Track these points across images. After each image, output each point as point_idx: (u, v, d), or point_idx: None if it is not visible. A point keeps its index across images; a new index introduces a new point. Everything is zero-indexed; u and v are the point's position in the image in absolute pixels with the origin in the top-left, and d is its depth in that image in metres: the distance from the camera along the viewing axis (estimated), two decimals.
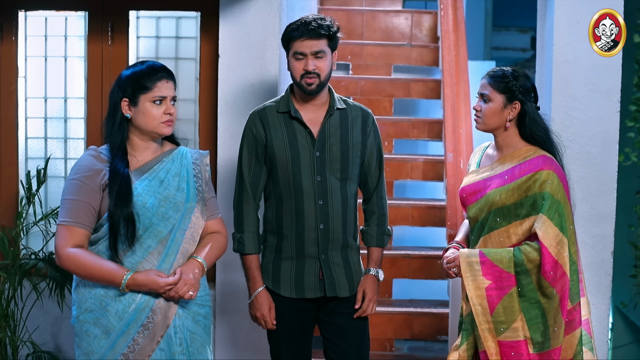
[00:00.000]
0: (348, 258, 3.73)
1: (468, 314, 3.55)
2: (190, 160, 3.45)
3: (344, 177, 3.68)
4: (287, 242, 3.67)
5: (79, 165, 3.29)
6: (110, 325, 3.23)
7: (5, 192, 4.98)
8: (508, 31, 12.85)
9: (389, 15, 7.68)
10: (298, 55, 3.59)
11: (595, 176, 4.53)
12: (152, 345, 3.25)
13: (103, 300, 3.25)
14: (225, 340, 4.78)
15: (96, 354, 3.24)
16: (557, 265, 3.39)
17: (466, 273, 3.49)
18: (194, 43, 5.03)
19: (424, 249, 6.02)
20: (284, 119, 3.68)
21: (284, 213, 3.66)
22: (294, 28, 3.59)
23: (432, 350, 5.91)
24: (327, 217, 3.65)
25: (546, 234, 3.39)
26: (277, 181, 3.67)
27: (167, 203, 3.31)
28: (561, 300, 3.43)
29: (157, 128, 3.31)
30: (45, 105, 5.08)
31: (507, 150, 3.60)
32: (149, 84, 3.28)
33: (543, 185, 3.42)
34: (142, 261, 3.26)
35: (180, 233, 3.33)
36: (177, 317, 3.31)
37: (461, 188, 3.71)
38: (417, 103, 7.73)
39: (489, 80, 3.57)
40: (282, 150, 3.63)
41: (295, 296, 3.68)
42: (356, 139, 3.72)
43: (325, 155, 3.65)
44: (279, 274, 3.69)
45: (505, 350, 3.44)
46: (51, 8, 5.04)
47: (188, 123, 5.02)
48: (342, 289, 3.70)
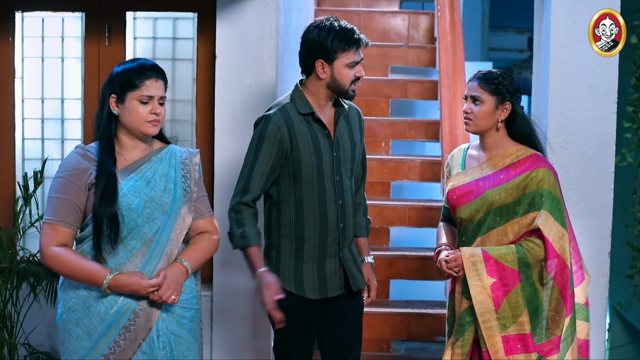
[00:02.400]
0: (352, 251, 3.81)
1: (465, 310, 3.57)
2: (179, 160, 3.41)
3: (352, 175, 3.76)
4: (309, 244, 3.66)
5: (66, 164, 3.27)
6: (92, 326, 3.22)
7: (2, 194, 4.97)
8: (505, 32, 12.87)
9: (385, 16, 7.69)
10: (352, 63, 3.60)
11: (592, 177, 4.54)
12: (134, 348, 3.23)
13: (86, 300, 3.23)
14: (222, 342, 4.77)
15: (77, 354, 3.23)
16: (560, 258, 3.47)
17: (470, 272, 3.50)
18: (191, 44, 5.03)
19: (421, 250, 6.02)
20: (305, 121, 3.66)
21: (306, 216, 3.65)
22: (352, 38, 3.58)
23: (430, 351, 5.91)
24: (345, 216, 3.70)
25: (550, 230, 3.47)
26: (299, 185, 3.64)
27: (153, 204, 3.28)
28: (563, 290, 3.50)
29: (142, 127, 3.28)
30: (42, 106, 5.08)
31: (497, 151, 3.63)
32: (137, 82, 3.26)
33: (541, 183, 3.49)
34: (126, 262, 3.24)
35: (166, 235, 3.31)
36: (160, 320, 3.29)
37: (450, 190, 3.72)
38: (414, 104, 7.74)
39: (479, 82, 3.60)
40: (308, 153, 3.62)
41: (320, 297, 3.69)
42: (357, 137, 3.79)
43: (340, 155, 3.69)
44: (301, 277, 3.68)
45: (511, 344, 3.49)
46: (48, 9, 5.03)
47: (185, 124, 5.02)
48: (361, 281, 3.78)
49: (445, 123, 6.08)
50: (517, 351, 3.48)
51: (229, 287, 4.73)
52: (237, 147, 4.69)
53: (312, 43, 3.61)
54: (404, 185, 7.25)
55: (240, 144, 4.69)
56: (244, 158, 3.70)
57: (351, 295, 3.78)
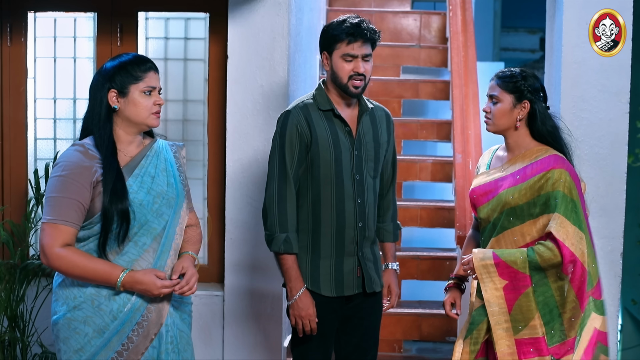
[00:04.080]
0: (375, 253, 3.80)
1: (477, 309, 3.55)
2: (171, 154, 3.41)
3: (376, 175, 3.75)
4: (325, 240, 3.66)
5: (66, 162, 3.18)
6: (104, 324, 3.18)
7: (14, 193, 4.99)
8: (517, 32, 12.83)
9: (397, 16, 7.69)
10: (348, 57, 3.59)
11: (604, 177, 4.52)
12: (146, 343, 3.23)
13: (95, 299, 3.19)
14: (234, 342, 4.78)
15: (87, 352, 3.18)
16: (577, 262, 3.42)
17: (482, 275, 3.49)
18: (202, 44, 5.03)
19: (433, 250, 6.02)
20: (325, 117, 3.67)
21: (323, 212, 3.65)
22: (346, 30, 3.58)
23: (441, 351, 5.90)
24: (365, 215, 3.69)
25: (566, 233, 3.41)
26: (317, 180, 3.64)
27: (161, 199, 3.28)
28: (579, 293, 3.46)
29: (148, 119, 3.26)
30: (55, 106, 5.09)
31: (519, 151, 3.61)
32: (139, 73, 3.23)
33: (556, 184, 3.44)
34: (138, 259, 3.23)
35: (173, 229, 3.31)
36: (169, 315, 3.30)
37: (471, 189, 3.72)
38: (425, 104, 7.73)
39: (498, 81, 3.58)
40: (327, 148, 3.62)
41: (336, 294, 3.68)
42: (383, 138, 3.78)
43: (362, 154, 3.68)
44: (318, 273, 3.68)
45: (524, 348, 3.46)
46: (60, 9, 5.05)
47: (197, 124, 5.02)
48: (377, 284, 3.77)
49: (457, 123, 6.07)
50: (530, 355, 3.45)
51: (241, 288, 4.73)
52: (248, 147, 4.70)
53: (320, 35, 3.69)
54: (416, 186, 7.25)
55: (252, 144, 4.70)
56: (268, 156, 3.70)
57: (369, 298, 3.76)
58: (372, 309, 3.79)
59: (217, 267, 4.94)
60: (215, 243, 4.94)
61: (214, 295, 4.81)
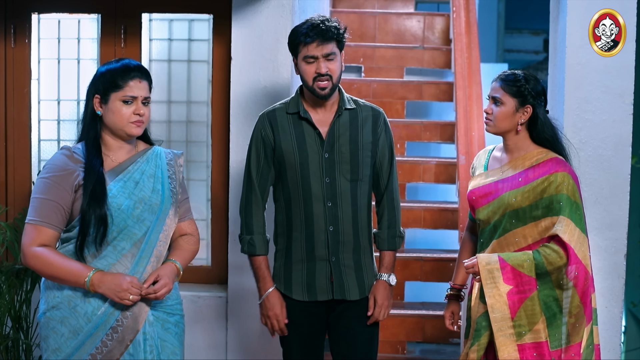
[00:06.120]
0: (360, 260, 3.70)
1: (481, 315, 3.53)
2: (164, 161, 3.42)
3: (355, 178, 3.65)
4: (296, 244, 3.65)
5: (51, 165, 3.24)
6: (79, 326, 3.20)
7: (18, 194, 4.99)
8: (520, 33, 12.84)
9: (401, 18, 7.69)
10: (309, 59, 3.56)
11: (608, 179, 4.52)
12: (121, 349, 3.23)
13: (71, 300, 3.21)
14: (237, 343, 4.78)
15: (63, 353, 3.21)
16: (581, 265, 3.43)
17: (486, 280, 3.46)
18: (206, 45, 5.04)
19: (436, 252, 6.01)
20: (293, 120, 3.66)
21: (294, 215, 3.65)
22: (302, 32, 3.55)
23: (445, 353, 5.90)
24: (337, 219, 3.62)
25: (571, 236, 3.41)
26: (286, 184, 3.66)
27: (143, 205, 3.28)
28: (583, 297, 3.46)
29: (126, 128, 3.26)
30: (58, 108, 5.10)
31: (518, 153, 3.60)
32: (120, 82, 3.24)
33: (559, 188, 3.44)
34: (115, 263, 3.23)
35: (155, 235, 3.30)
36: (147, 323, 3.29)
37: (470, 191, 3.71)
38: (429, 105, 7.73)
39: (501, 83, 3.57)
40: (291, 152, 3.62)
41: (308, 299, 3.66)
42: (366, 139, 3.68)
43: (335, 157, 3.62)
44: (290, 277, 3.68)
45: (527, 353, 3.44)
46: (64, 11, 5.05)
47: (200, 125, 5.03)
48: (351, 292, 3.67)
49: (460, 125, 6.07)
50: None
51: (244, 289, 4.73)
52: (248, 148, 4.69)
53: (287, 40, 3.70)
54: (419, 187, 7.24)
55: None
56: None
57: (354, 307, 3.69)
58: (359, 318, 3.70)
59: (221, 269, 4.94)
60: (219, 244, 4.94)
61: (218, 296, 4.81)
